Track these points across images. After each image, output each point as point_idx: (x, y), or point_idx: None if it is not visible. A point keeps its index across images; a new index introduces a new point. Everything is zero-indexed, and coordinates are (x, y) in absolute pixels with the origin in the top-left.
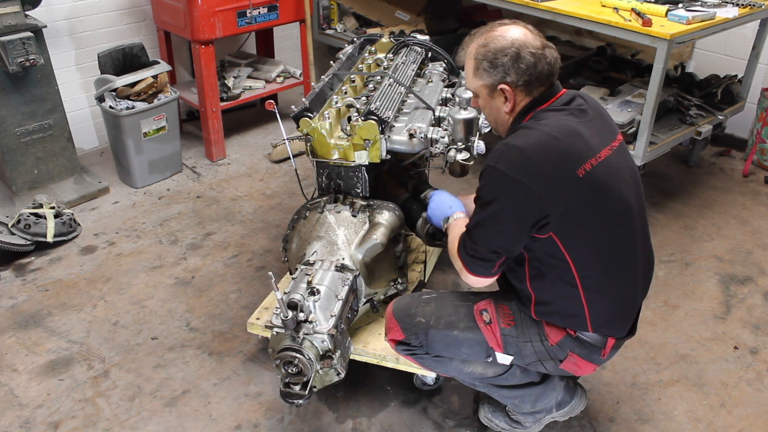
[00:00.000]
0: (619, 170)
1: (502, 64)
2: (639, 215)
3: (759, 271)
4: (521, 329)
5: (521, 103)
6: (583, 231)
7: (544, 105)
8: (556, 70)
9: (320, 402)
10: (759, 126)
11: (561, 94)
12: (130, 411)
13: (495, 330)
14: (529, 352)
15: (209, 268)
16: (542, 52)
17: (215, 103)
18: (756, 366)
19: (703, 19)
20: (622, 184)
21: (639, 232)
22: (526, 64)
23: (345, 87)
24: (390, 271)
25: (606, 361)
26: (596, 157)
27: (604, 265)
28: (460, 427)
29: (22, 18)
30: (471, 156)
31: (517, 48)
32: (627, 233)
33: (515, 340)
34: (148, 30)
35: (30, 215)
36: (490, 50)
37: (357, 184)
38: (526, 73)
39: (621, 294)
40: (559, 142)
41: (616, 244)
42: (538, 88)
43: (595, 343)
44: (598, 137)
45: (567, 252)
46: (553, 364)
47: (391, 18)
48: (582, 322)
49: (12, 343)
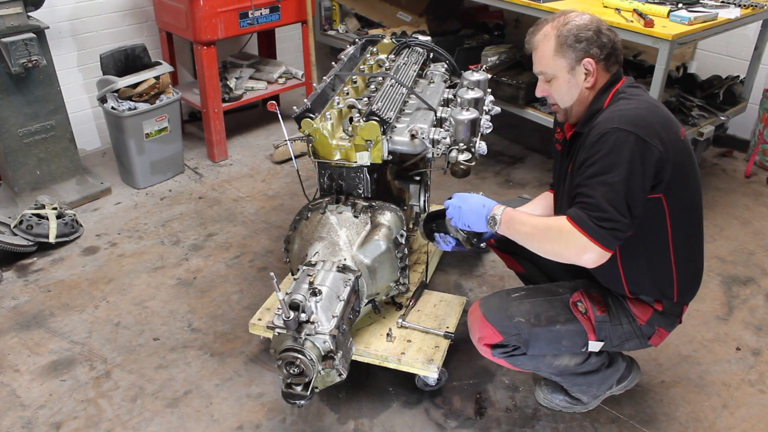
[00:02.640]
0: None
1: (586, 38)
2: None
3: (761, 272)
4: (613, 313)
5: (602, 80)
6: (683, 192)
7: (619, 83)
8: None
9: (322, 403)
10: (761, 127)
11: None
12: (132, 411)
13: (591, 319)
14: (619, 334)
15: (211, 268)
16: (613, 31)
17: (217, 104)
18: (758, 367)
19: (705, 20)
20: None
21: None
22: (607, 39)
23: (347, 88)
24: (392, 271)
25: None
26: (681, 126)
27: (691, 228)
28: (462, 427)
29: (24, 19)
30: (473, 157)
31: (596, 24)
32: (701, 199)
33: (608, 325)
34: (150, 31)
35: (32, 216)
36: (574, 26)
37: (359, 184)
38: (606, 47)
39: (698, 259)
40: (660, 110)
41: (698, 209)
42: (614, 65)
43: (675, 312)
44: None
45: (669, 214)
46: (638, 342)
47: (392, 19)
48: (670, 291)
49: (14, 344)
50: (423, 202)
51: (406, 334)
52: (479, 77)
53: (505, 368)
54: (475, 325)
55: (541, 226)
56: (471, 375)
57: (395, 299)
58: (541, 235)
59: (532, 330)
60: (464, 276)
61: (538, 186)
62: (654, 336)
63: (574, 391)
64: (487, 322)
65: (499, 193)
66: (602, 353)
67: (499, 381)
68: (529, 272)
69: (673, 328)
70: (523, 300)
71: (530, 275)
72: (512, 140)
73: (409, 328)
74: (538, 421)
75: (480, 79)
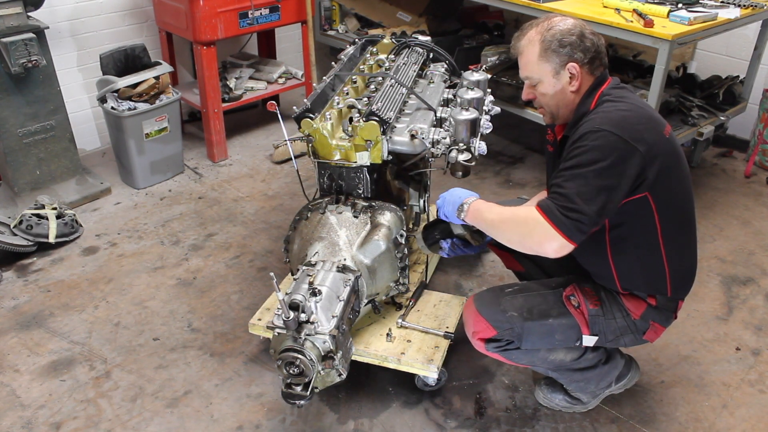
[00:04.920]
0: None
1: (569, 43)
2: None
3: (761, 272)
4: (606, 307)
5: (586, 83)
6: (670, 189)
7: (604, 85)
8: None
9: (322, 403)
10: (761, 127)
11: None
12: (131, 412)
13: (584, 312)
14: (613, 328)
15: (211, 269)
16: (597, 35)
17: (217, 104)
18: (758, 367)
19: (704, 20)
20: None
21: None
22: (590, 43)
23: (346, 88)
24: (391, 271)
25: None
26: (667, 125)
27: (682, 225)
28: (462, 427)
29: (24, 19)
30: (472, 157)
31: (579, 29)
32: (691, 196)
33: (602, 319)
34: (149, 31)
35: (32, 216)
36: (557, 32)
37: (359, 184)
38: (590, 51)
39: (691, 254)
40: (644, 110)
41: (688, 205)
42: (598, 68)
43: (669, 308)
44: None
45: (657, 211)
46: (633, 337)
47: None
48: (663, 286)
49: (14, 344)
50: (423, 203)
51: (406, 334)
52: (479, 77)
53: (505, 368)
54: (469, 320)
55: (507, 214)
56: (471, 375)
57: (395, 299)
58: (505, 224)
59: (524, 324)
60: (464, 276)
61: (538, 186)
62: (649, 331)
63: (573, 389)
64: (481, 316)
65: (499, 193)
66: (599, 350)
67: (499, 381)
68: (527, 270)
69: (669, 323)
70: (516, 294)
71: (529, 274)
72: (512, 140)
73: (408, 328)
74: (538, 421)
75: (480, 79)
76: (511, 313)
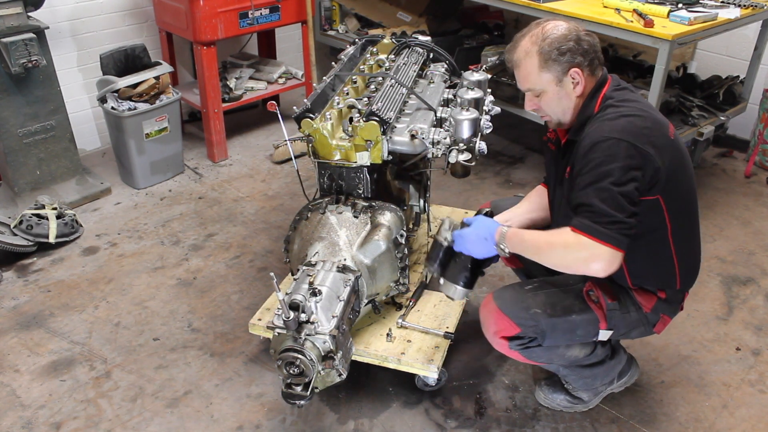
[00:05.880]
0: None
1: (568, 49)
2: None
3: (761, 273)
4: (622, 302)
5: (590, 85)
6: (679, 188)
7: (605, 87)
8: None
9: (322, 403)
10: (761, 127)
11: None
12: (131, 412)
13: (603, 307)
14: (627, 322)
15: (211, 269)
16: (591, 34)
17: (217, 104)
18: (758, 367)
19: (705, 20)
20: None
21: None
22: (587, 45)
23: (347, 88)
24: (392, 271)
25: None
26: (670, 125)
27: (689, 221)
28: (462, 427)
29: (24, 19)
30: (473, 157)
31: (575, 33)
32: (695, 191)
33: (618, 313)
34: (150, 31)
35: (32, 216)
36: (554, 39)
37: (359, 184)
38: (589, 53)
39: (697, 247)
40: (648, 113)
41: (694, 201)
42: (598, 68)
43: (677, 300)
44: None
45: (667, 211)
46: (643, 329)
47: (392, 19)
48: (672, 281)
49: (14, 344)
50: (423, 202)
51: (406, 334)
52: (479, 77)
53: (505, 368)
54: (490, 319)
55: (543, 239)
56: (471, 375)
57: (395, 299)
58: (551, 249)
59: (549, 320)
60: None
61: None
62: (658, 323)
63: (578, 386)
64: (503, 314)
65: (498, 193)
66: (606, 345)
67: (499, 381)
68: (527, 267)
69: (675, 314)
70: (538, 291)
71: (528, 269)
72: (512, 140)
73: (409, 328)
74: (538, 421)
75: (480, 79)
76: (535, 309)
